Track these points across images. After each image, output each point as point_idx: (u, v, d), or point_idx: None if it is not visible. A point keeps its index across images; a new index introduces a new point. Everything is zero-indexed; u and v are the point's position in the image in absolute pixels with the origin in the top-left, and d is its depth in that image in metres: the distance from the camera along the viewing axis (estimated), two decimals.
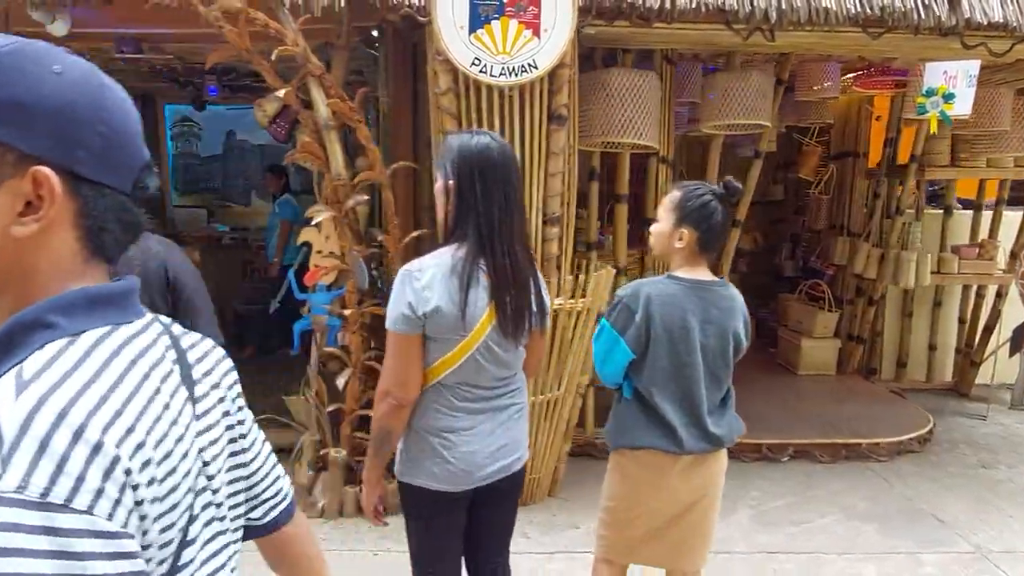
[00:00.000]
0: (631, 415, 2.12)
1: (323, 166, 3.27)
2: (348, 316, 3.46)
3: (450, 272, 1.71)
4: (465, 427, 1.81)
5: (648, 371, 2.05)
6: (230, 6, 2.94)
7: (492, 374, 1.81)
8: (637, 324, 2.03)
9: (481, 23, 3.00)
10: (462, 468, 1.81)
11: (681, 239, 2.06)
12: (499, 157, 1.77)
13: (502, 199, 1.75)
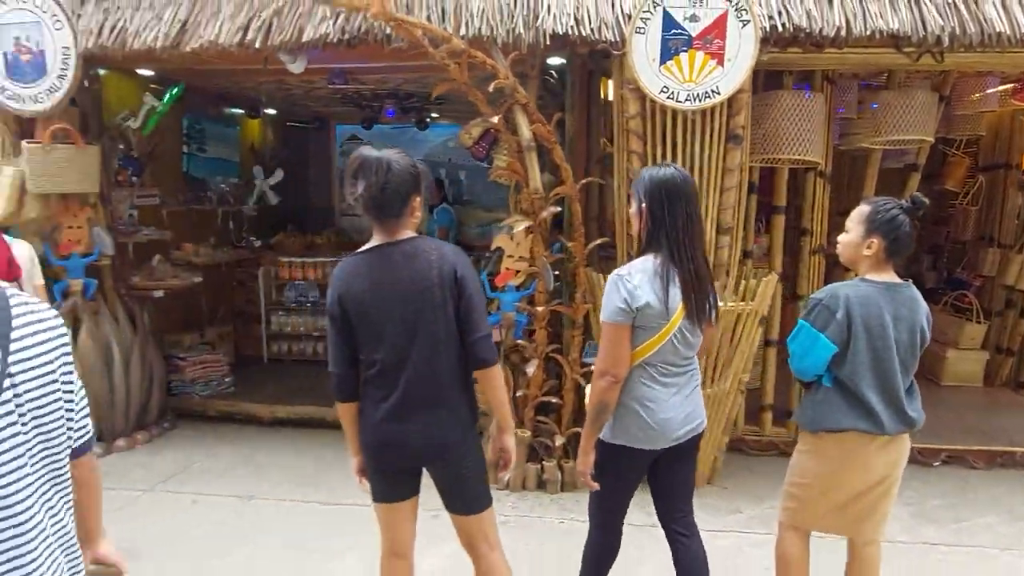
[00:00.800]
0: (833, 402, 2.37)
1: (523, 181, 3.77)
2: (537, 313, 3.93)
3: (653, 275, 2.19)
4: (663, 397, 2.27)
5: (850, 362, 2.34)
6: (455, 47, 3.49)
7: (682, 354, 2.28)
8: (838, 321, 2.31)
9: (671, 55, 3.41)
10: (660, 430, 2.27)
11: (870, 247, 2.36)
12: (682, 184, 2.25)
13: (685, 217, 2.23)
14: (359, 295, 2.11)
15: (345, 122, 7.66)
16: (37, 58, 4.03)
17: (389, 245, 2.13)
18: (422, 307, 2.10)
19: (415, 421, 2.16)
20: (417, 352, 2.12)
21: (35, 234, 4.50)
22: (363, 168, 2.06)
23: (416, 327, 2.11)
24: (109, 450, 4.62)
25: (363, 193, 2.06)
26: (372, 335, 2.13)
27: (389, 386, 2.15)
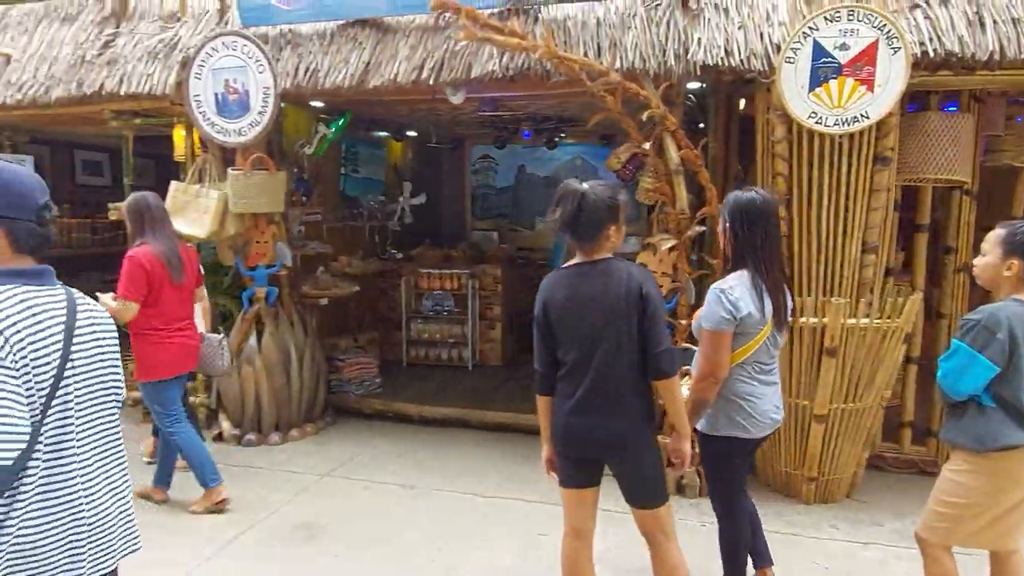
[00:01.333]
0: (999, 420, 2.43)
1: (670, 202, 4.03)
2: (680, 326, 4.17)
3: (751, 288, 2.59)
4: (760, 392, 2.68)
5: (1014, 381, 2.41)
6: (612, 80, 3.81)
7: (771, 353, 2.71)
8: (1000, 341, 2.37)
9: (820, 82, 3.58)
10: (761, 420, 2.67)
11: (1010, 269, 2.45)
12: (762, 205, 2.62)
13: (763, 235, 2.62)
14: (560, 304, 2.46)
15: (479, 142, 8.17)
16: (242, 97, 4.70)
17: (587, 264, 2.46)
18: (609, 318, 2.40)
19: (594, 416, 2.46)
20: (600, 356, 2.42)
21: (230, 248, 5.21)
22: (562, 198, 2.42)
23: (602, 335, 2.41)
24: (285, 439, 5.23)
25: (560, 219, 2.42)
26: (567, 339, 2.46)
27: (576, 384, 2.47)
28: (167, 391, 3.87)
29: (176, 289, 3.82)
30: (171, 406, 3.90)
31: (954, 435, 2.55)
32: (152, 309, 3.74)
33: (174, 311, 3.84)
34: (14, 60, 5.30)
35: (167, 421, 3.89)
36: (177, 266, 3.80)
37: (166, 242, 3.80)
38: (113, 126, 5.31)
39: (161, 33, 5.02)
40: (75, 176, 7.96)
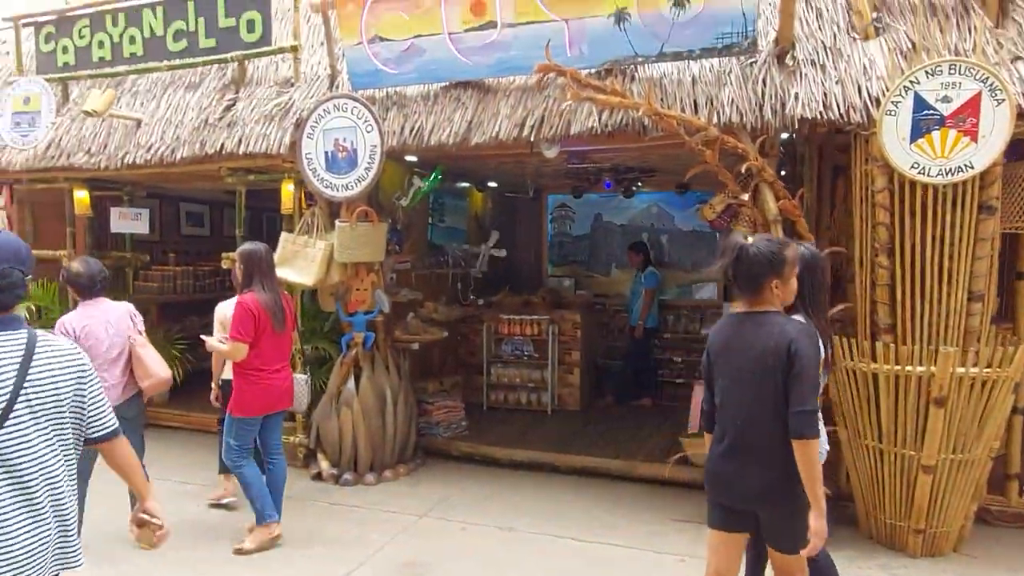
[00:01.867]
0: None
1: None
2: None
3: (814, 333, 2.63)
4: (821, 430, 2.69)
5: None
6: (711, 135, 3.96)
7: None
8: None
9: (922, 134, 3.65)
10: None
11: None
12: (810, 259, 2.81)
13: (811, 286, 2.79)
14: (717, 348, 2.64)
15: (556, 192, 8.41)
16: (350, 155, 5.03)
17: (746, 313, 2.59)
18: (755, 369, 2.49)
19: (739, 465, 2.55)
20: (749, 407, 2.53)
21: (331, 295, 5.51)
22: (724, 251, 2.60)
23: (750, 385, 2.51)
24: (379, 479, 5.39)
25: (720, 269, 2.58)
26: (721, 383, 2.63)
27: (724, 429, 2.61)
28: (249, 428, 4.14)
29: (276, 335, 4.10)
30: (246, 442, 4.15)
31: None
32: (254, 351, 4.02)
33: (273, 354, 4.12)
34: (143, 124, 5.81)
35: (236, 455, 4.13)
36: (280, 316, 4.09)
37: (272, 293, 4.09)
38: (228, 182, 5.73)
39: (277, 97, 5.44)
40: (180, 227, 8.53)
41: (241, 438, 4.13)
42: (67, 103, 6.26)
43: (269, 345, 4.08)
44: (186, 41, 5.78)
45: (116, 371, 3.94)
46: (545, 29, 4.50)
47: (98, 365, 3.83)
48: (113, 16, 5.98)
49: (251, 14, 5.55)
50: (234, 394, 4.12)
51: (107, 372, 3.87)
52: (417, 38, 4.85)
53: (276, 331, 4.07)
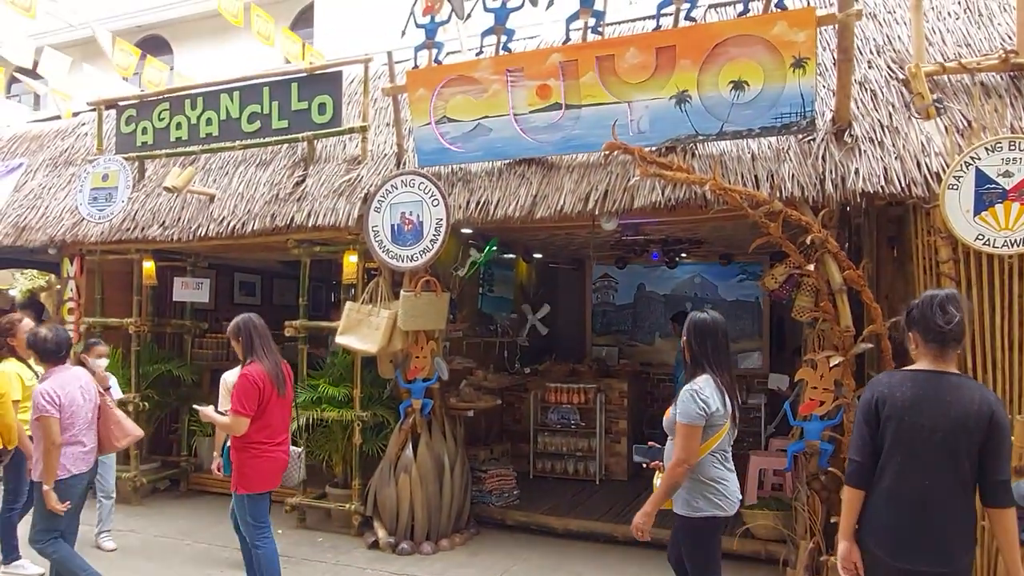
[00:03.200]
0: None
1: (833, 321, 4.18)
2: (844, 442, 4.19)
3: (716, 388, 3.15)
4: (727, 476, 3.22)
5: None
6: (775, 208, 4.11)
7: (729, 442, 3.25)
8: None
9: (985, 207, 3.77)
10: (733, 500, 3.21)
11: None
12: (711, 324, 3.26)
13: (713, 347, 3.22)
14: (900, 403, 2.50)
15: (600, 262, 8.59)
16: (416, 227, 5.25)
17: (937, 372, 2.52)
18: (951, 433, 2.43)
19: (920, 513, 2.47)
20: (938, 470, 2.45)
21: (391, 363, 5.63)
22: (948, 302, 2.52)
23: (941, 448, 2.44)
24: (436, 548, 5.36)
25: (945, 323, 2.49)
26: (898, 442, 2.50)
27: (906, 491, 2.49)
28: (261, 503, 4.01)
29: (280, 403, 3.97)
30: (263, 518, 4.01)
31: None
32: (259, 423, 3.87)
33: (277, 425, 3.99)
34: (216, 199, 6.12)
35: (258, 533, 3.99)
36: (282, 380, 3.97)
37: (272, 358, 3.96)
38: (294, 253, 5.97)
39: (345, 174, 5.74)
40: (233, 296, 8.79)
41: (257, 516, 3.99)
42: (143, 180, 6.62)
43: (273, 415, 3.95)
44: (259, 122, 6.14)
45: (92, 435, 4.03)
46: (608, 110, 4.75)
47: (79, 431, 3.91)
48: (192, 100, 6.39)
49: (322, 98, 5.91)
50: (236, 470, 3.94)
51: (85, 437, 3.97)
52: (484, 119, 5.13)
53: (280, 396, 3.93)
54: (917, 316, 2.58)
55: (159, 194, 6.40)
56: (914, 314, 2.61)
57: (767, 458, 5.92)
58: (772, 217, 4.16)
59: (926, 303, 2.56)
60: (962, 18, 4.74)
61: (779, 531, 4.84)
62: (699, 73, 4.48)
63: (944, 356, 2.53)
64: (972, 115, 4.15)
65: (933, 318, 2.52)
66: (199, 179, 6.31)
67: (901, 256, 4.63)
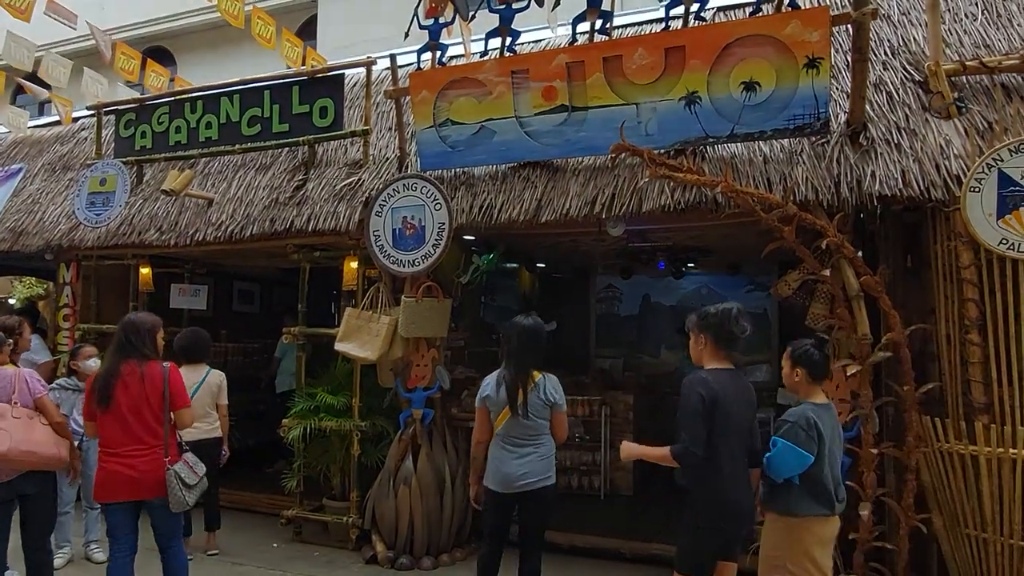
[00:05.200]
0: (805, 494, 3.12)
1: (849, 328, 4.02)
2: (862, 455, 4.02)
3: (496, 379, 3.78)
4: (503, 457, 3.72)
5: (819, 465, 3.10)
6: (789, 212, 3.97)
7: (520, 431, 3.69)
8: (812, 437, 3.09)
9: (1008, 210, 3.63)
10: (503, 480, 3.71)
11: (797, 376, 3.27)
12: (516, 325, 3.83)
13: (515, 346, 3.77)
14: (725, 398, 3.07)
15: (604, 273, 8.45)
16: (418, 232, 5.12)
17: (732, 370, 3.22)
18: (749, 417, 3.24)
19: (741, 491, 3.13)
20: (742, 448, 3.17)
21: (391, 371, 5.47)
22: (740, 317, 3.22)
23: (745, 431, 3.18)
24: (437, 563, 5.18)
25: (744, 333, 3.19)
26: (729, 429, 3.08)
27: (740, 471, 3.16)
28: (109, 515, 3.70)
29: (109, 412, 3.61)
30: (113, 531, 3.69)
31: (766, 497, 3.26)
32: (99, 431, 3.67)
33: (111, 435, 3.63)
34: (215, 203, 6.00)
35: (110, 544, 3.71)
36: (102, 389, 3.62)
37: (107, 365, 3.71)
38: (294, 258, 5.83)
39: (346, 178, 5.62)
40: (232, 304, 8.66)
41: (108, 527, 3.71)
42: (141, 184, 6.51)
43: (104, 423, 3.63)
44: (260, 126, 6.04)
45: None
46: (615, 112, 4.63)
47: None
48: (191, 103, 6.29)
49: (324, 101, 5.81)
50: None
51: None
52: (488, 121, 5.01)
53: (105, 407, 3.60)
54: (715, 323, 3.21)
55: (157, 198, 6.29)
56: (711, 320, 3.22)
57: None
58: (786, 221, 4.03)
59: (724, 314, 3.19)
60: (980, 19, 4.62)
61: None
62: (709, 74, 4.36)
63: (730, 357, 3.24)
64: (993, 116, 4.03)
65: (731, 327, 3.16)
66: (198, 183, 6.21)
67: (916, 265, 4.48)
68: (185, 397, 3.90)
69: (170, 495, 3.66)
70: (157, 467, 3.65)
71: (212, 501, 5.30)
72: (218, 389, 5.19)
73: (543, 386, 3.74)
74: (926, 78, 4.28)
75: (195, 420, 5.00)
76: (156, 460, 3.66)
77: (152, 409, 3.69)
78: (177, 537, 3.90)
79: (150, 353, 3.80)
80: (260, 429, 7.79)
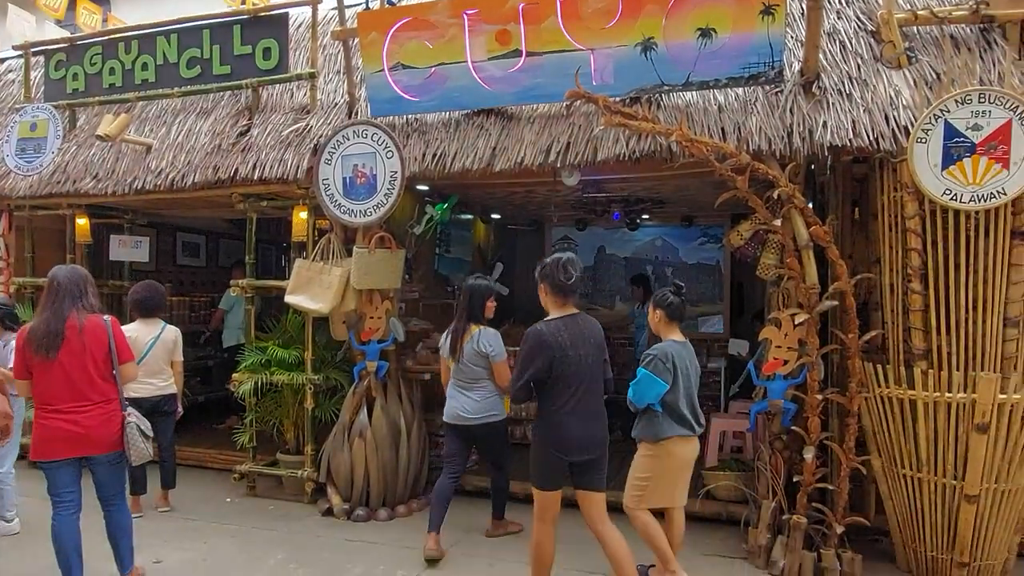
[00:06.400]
0: (664, 420, 3.66)
1: (799, 277, 4.09)
2: (808, 401, 4.13)
3: (449, 331, 4.47)
4: (452, 395, 4.47)
5: (674, 393, 3.64)
6: (742, 162, 3.97)
7: (466, 375, 4.39)
8: (668, 368, 3.59)
9: (953, 161, 3.69)
10: (449, 412, 4.47)
11: (659, 317, 3.83)
12: (468, 285, 4.46)
13: (465, 302, 4.44)
14: (564, 343, 3.31)
15: (559, 224, 8.41)
16: (369, 181, 4.98)
17: (571, 316, 3.43)
18: (595, 355, 3.45)
19: (577, 424, 3.41)
20: (592, 385, 3.44)
21: (344, 323, 5.39)
22: (569, 265, 3.43)
23: (594, 369, 3.45)
24: (393, 515, 5.21)
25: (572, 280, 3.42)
26: (571, 371, 3.34)
27: (582, 408, 3.43)
28: (50, 473, 3.56)
29: (51, 366, 3.46)
30: (54, 490, 3.57)
31: (640, 432, 3.77)
32: (35, 387, 3.52)
33: (50, 390, 3.49)
34: (154, 149, 5.72)
35: (53, 505, 3.59)
36: (50, 341, 3.45)
37: (48, 314, 3.51)
38: (239, 208, 5.63)
39: (293, 124, 5.40)
40: (176, 257, 8.37)
41: (49, 487, 3.58)
42: (74, 129, 6.16)
43: (41, 380, 3.49)
44: (199, 68, 5.74)
45: None
46: (570, 58, 4.53)
47: None
48: (126, 43, 5.93)
49: (267, 42, 5.54)
50: None
51: None
52: (440, 66, 4.85)
53: (46, 359, 3.45)
54: (548, 272, 3.41)
55: (92, 144, 5.97)
56: (546, 271, 3.43)
57: (727, 420, 5.90)
58: (739, 171, 4.03)
59: (555, 263, 3.39)
60: None
61: (740, 492, 4.81)
62: (665, 19, 4.28)
63: (568, 303, 3.45)
64: (941, 68, 4.06)
65: (559, 276, 3.37)
66: (135, 129, 5.90)
67: (864, 216, 4.56)
68: (129, 351, 3.78)
69: (131, 448, 3.62)
70: (104, 422, 3.57)
71: (168, 459, 5.20)
72: (174, 345, 5.06)
73: (478, 338, 4.32)
74: (878, 27, 4.28)
75: (151, 376, 4.92)
76: (103, 416, 3.58)
77: (96, 364, 3.57)
78: (122, 493, 3.81)
79: (89, 305, 3.65)
80: (209, 385, 7.66)
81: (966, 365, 3.80)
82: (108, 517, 3.74)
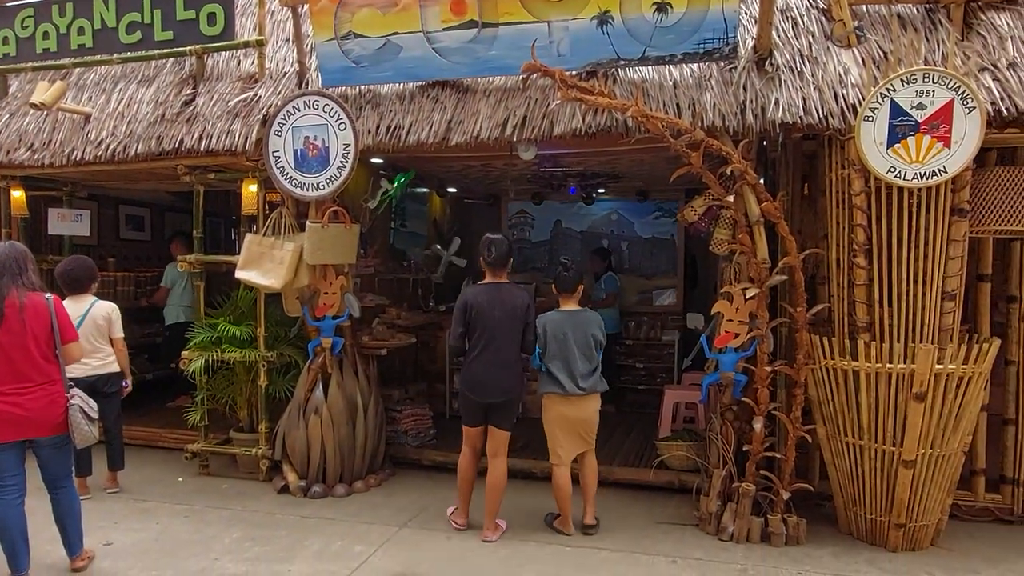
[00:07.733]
0: (547, 379, 4.29)
1: (750, 253, 4.17)
2: (757, 373, 4.25)
3: None
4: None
5: (547, 356, 4.26)
6: (697, 138, 4.00)
7: None
8: (539, 335, 4.28)
9: (898, 139, 3.79)
10: None
11: (554, 291, 4.49)
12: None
13: None
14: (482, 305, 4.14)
15: (516, 199, 8.39)
16: (322, 153, 4.86)
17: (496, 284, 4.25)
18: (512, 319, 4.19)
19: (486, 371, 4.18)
20: (503, 342, 4.17)
21: (297, 299, 5.29)
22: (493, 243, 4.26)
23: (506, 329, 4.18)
24: (350, 491, 5.19)
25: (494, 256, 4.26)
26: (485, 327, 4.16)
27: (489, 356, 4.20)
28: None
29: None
30: (1, 472, 3.46)
31: (541, 387, 4.37)
32: None
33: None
34: (93, 118, 5.47)
35: None
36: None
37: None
38: (185, 180, 5.43)
39: (241, 93, 5.22)
40: (119, 231, 8.07)
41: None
42: (6, 97, 5.84)
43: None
44: (140, 33, 5.49)
45: None
46: (526, 30, 4.47)
47: None
48: (60, 6, 5.62)
49: (212, 7, 5.32)
50: None
51: None
52: (393, 35, 4.74)
53: None
54: (480, 250, 4.30)
55: (26, 113, 5.67)
56: (480, 248, 4.30)
57: (680, 392, 6.03)
58: (694, 147, 4.06)
59: (483, 243, 4.28)
60: None
61: (692, 461, 4.94)
62: None
63: (496, 273, 4.29)
64: (889, 47, 4.14)
65: (484, 253, 4.26)
66: (72, 97, 5.62)
67: (813, 192, 4.66)
68: (73, 331, 3.66)
69: (76, 431, 3.53)
70: (48, 405, 3.49)
71: (115, 440, 5.06)
72: (106, 321, 4.86)
73: None
74: (829, 5, 4.34)
75: (84, 356, 4.74)
76: (47, 398, 3.49)
77: (39, 344, 3.46)
78: (69, 476, 3.71)
79: (30, 283, 3.50)
80: (157, 362, 7.45)
81: (906, 337, 3.96)
82: (55, 501, 3.63)
